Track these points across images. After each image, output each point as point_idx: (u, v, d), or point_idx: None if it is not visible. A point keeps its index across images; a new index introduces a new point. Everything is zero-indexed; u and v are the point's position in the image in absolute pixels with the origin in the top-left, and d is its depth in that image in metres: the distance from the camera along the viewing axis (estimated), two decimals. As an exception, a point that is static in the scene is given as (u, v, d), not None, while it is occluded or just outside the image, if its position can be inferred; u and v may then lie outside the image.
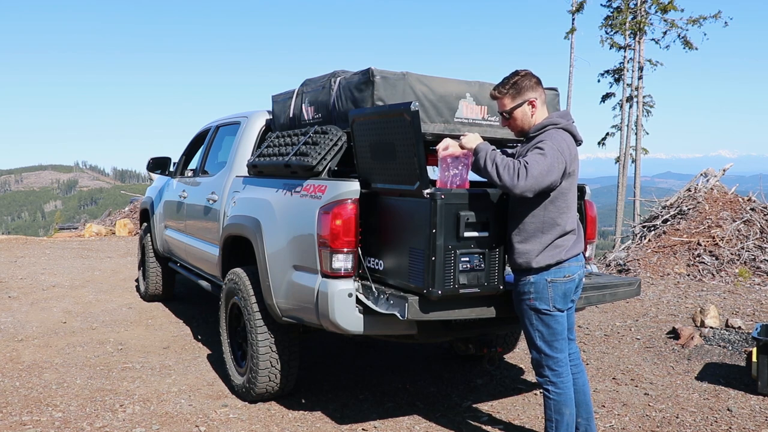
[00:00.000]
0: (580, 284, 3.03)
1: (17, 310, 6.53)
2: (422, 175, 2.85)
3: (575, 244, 2.93)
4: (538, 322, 2.91)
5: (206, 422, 3.69)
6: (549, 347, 2.93)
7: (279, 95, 4.34)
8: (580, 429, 3.13)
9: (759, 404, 4.06)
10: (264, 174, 4.14)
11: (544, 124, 2.89)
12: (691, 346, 5.28)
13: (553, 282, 2.87)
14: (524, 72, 2.93)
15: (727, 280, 8.23)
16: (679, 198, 10.74)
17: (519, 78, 2.91)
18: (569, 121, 2.91)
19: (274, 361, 3.77)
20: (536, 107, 2.91)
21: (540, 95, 2.93)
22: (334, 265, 3.19)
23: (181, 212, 5.68)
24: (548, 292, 2.87)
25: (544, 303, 2.88)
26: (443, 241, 2.83)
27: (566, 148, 2.79)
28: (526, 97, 2.90)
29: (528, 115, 2.92)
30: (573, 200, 2.93)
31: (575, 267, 2.93)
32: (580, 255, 2.97)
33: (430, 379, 4.51)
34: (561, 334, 2.95)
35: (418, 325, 3.23)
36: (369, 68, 3.29)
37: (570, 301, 2.97)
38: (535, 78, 2.94)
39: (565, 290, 2.90)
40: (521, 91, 2.90)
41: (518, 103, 2.90)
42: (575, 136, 2.93)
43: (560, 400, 2.95)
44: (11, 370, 4.59)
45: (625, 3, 26.61)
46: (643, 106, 26.84)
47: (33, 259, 10.18)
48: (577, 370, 3.14)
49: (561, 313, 2.93)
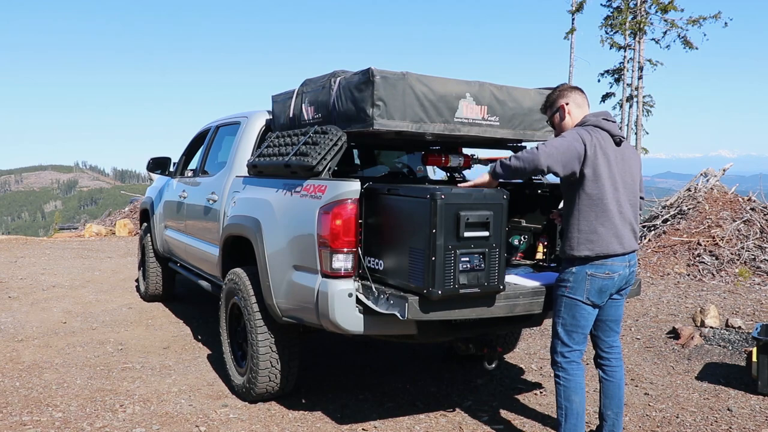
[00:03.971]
0: (622, 282, 3.10)
1: (17, 310, 6.53)
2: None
3: (616, 239, 3.00)
4: (566, 310, 3.08)
5: (206, 422, 3.69)
6: (568, 336, 3.08)
7: (279, 95, 4.34)
8: (608, 421, 3.28)
9: (759, 404, 4.06)
10: (264, 174, 4.13)
11: (579, 123, 3.14)
12: (691, 346, 5.29)
13: (593, 276, 3.00)
14: (556, 87, 3.31)
15: (727, 279, 8.23)
16: (679, 198, 10.74)
17: (550, 93, 3.30)
18: (599, 117, 3.10)
19: (274, 361, 3.77)
20: (570, 109, 3.19)
21: (572, 99, 3.20)
22: (334, 265, 3.19)
23: (181, 212, 5.68)
24: (586, 284, 3.00)
25: (579, 294, 3.03)
26: (443, 241, 2.83)
27: (588, 138, 2.97)
28: (558, 105, 3.23)
29: (563, 118, 3.21)
30: (606, 196, 2.98)
31: (618, 266, 3.03)
32: (625, 255, 3.05)
33: (430, 379, 4.51)
34: (584, 328, 3.09)
35: (418, 325, 3.23)
36: (369, 68, 3.29)
37: (609, 297, 3.11)
38: (564, 86, 3.28)
39: (602, 286, 3.02)
40: (553, 103, 3.26)
41: (554, 110, 3.25)
42: (611, 132, 3.06)
43: (569, 386, 3.09)
44: (11, 370, 4.59)
45: (625, 3, 26.61)
46: (643, 106, 26.85)
47: (33, 260, 10.18)
48: (617, 364, 3.28)
49: (592, 307, 3.07)
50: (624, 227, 3.03)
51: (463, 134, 3.58)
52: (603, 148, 2.98)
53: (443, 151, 4.24)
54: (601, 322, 3.22)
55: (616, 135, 3.07)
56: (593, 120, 3.09)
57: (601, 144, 2.98)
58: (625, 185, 3.06)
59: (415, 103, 3.36)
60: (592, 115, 3.14)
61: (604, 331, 3.25)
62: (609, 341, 3.27)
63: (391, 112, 3.30)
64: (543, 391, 4.31)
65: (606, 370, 3.28)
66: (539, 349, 5.30)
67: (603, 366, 3.29)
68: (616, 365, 3.27)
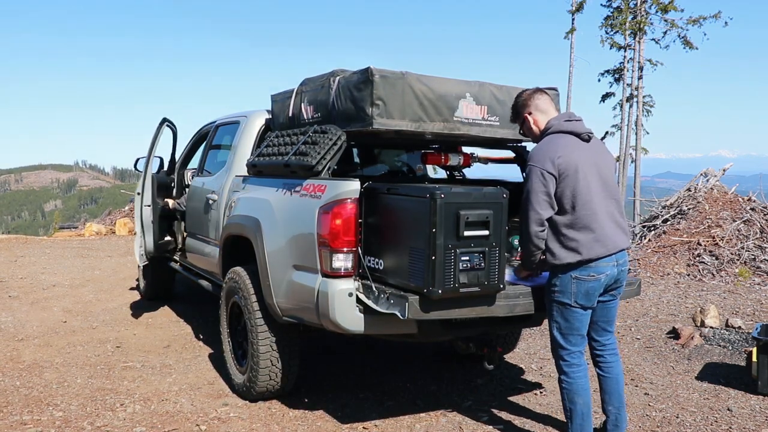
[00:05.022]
0: (611, 281, 3.10)
1: (17, 309, 6.53)
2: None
3: (598, 243, 2.98)
4: (558, 314, 3.09)
5: (207, 421, 3.69)
6: (564, 339, 3.10)
7: (278, 94, 4.34)
8: (610, 417, 3.29)
9: (759, 404, 4.06)
10: (264, 174, 4.14)
11: (544, 130, 3.14)
12: (691, 346, 5.29)
13: (577, 279, 3.00)
14: (519, 94, 3.29)
15: (727, 279, 8.23)
16: (679, 198, 10.74)
17: (514, 102, 3.29)
18: (560, 121, 3.09)
19: (274, 360, 3.78)
20: (534, 117, 3.19)
21: (534, 106, 3.18)
22: (334, 265, 3.19)
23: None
24: (572, 287, 3.01)
25: (566, 297, 3.04)
26: (443, 241, 2.83)
27: (550, 158, 2.95)
28: (522, 115, 3.23)
29: (530, 128, 3.22)
30: (583, 203, 2.96)
31: (603, 267, 3.01)
32: (611, 255, 3.03)
33: (430, 378, 4.51)
34: (579, 330, 3.10)
35: (418, 325, 3.23)
36: (368, 67, 3.29)
37: (597, 299, 3.10)
38: (525, 93, 3.24)
39: (588, 288, 3.01)
40: (517, 113, 3.27)
41: (521, 121, 3.26)
42: (575, 132, 3.03)
43: (571, 389, 3.11)
44: (12, 369, 4.59)
45: (625, 3, 26.61)
46: (643, 106, 26.84)
47: (33, 259, 10.18)
48: (612, 359, 3.29)
49: (582, 309, 3.07)
50: (607, 227, 3.01)
51: (462, 133, 3.58)
52: (570, 156, 2.96)
53: (443, 149, 4.24)
54: (593, 323, 3.22)
55: (582, 133, 3.05)
56: (556, 125, 3.08)
57: (566, 152, 2.96)
58: (603, 182, 3.04)
59: (414, 102, 3.36)
60: (554, 119, 3.12)
61: (596, 332, 3.26)
62: (602, 340, 3.28)
63: (391, 112, 3.30)
64: (543, 391, 4.31)
65: (602, 366, 3.29)
66: (539, 349, 5.30)
67: (599, 363, 3.31)
68: (612, 360, 3.28)
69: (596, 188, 3.00)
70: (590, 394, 3.17)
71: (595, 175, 3.01)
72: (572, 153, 2.97)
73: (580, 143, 3.03)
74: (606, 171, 3.08)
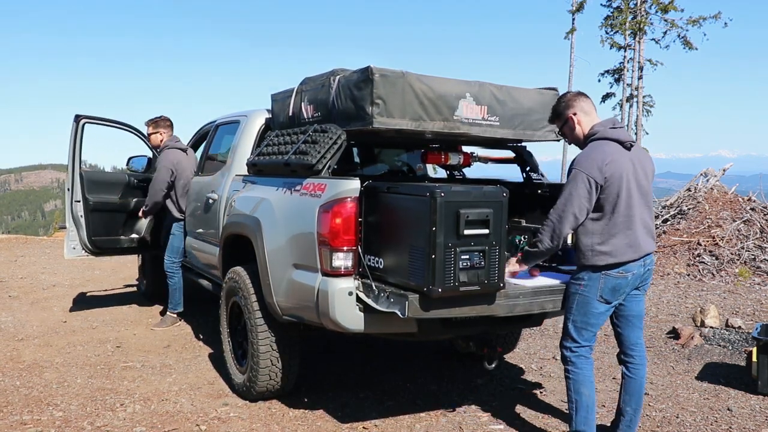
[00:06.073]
0: (637, 281, 3.13)
1: (17, 309, 6.53)
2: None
3: (630, 248, 3.03)
4: (577, 307, 3.11)
5: (207, 421, 3.69)
6: (577, 333, 3.13)
7: (278, 94, 4.34)
8: (626, 416, 3.31)
9: (759, 404, 4.06)
10: (264, 173, 4.14)
11: (588, 135, 3.14)
12: (691, 346, 5.29)
13: (606, 275, 3.04)
14: (562, 95, 3.32)
15: (727, 279, 8.23)
16: (679, 198, 10.74)
17: (556, 104, 3.28)
18: (606, 128, 3.11)
19: (274, 360, 3.77)
20: (579, 119, 3.17)
21: (579, 108, 3.18)
22: (334, 264, 3.19)
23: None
24: (600, 282, 3.04)
25: (592, 291, 3.07)
26: (443, 239, 2.82)
27: (595, 165, 2.97)
28: (566, 116, 3.21)
29: (573, 129, 3.20)
30: (621, 210, 3.01)
31: (631, 266, 3.06)
32: (639, 259, 3.08)
33: (430, 378, 4.51)
34: (594, 326, 3.13)
35: (418, 324, 3.23)
36: (368, 66, 3.29)
37: (621, 295, 3.11)
38: (569, 95, 3.26)
39: (616, 285, 3.06)
40: (560, 114, 3.23)
41: (563, 121, 3.23)
42: (619, 140, 3.06)
43: (578, 379, 3.13)
44: (12, 369, 4.59)
45: (625, 3, 26.61)
46: (643, 106, 26.85)
47: (33, 259, 10.18)
48: (640, 362, 3.30)
49: (606, 304, 3.09)
50: (639, 232, 3.06)
51: (462, 132, 3.58)
52: (615, 165, 2.99)
53: (442, 149, 4.24)
54: (624, 318, 3.25)
55: (626, 141, 3.08)
56: (601, 132, 3.09)
57: (613, 159, 2.99)
58: (640, 189, 3.09)
59: (414, 101, 3.36)
60: (599, 125, 3.14)
61: (627, 327, 3.27)
62: (633, 338, 3.28)
63: (391, 111, 3.30)
64: (543, 391, 4.30)
65: (630, 367, 3.30)
66: (539, 349, 5.30)
67: (627, 363, 3.31)
68: (640, 363, 3.30)
69: (635, 196, 3.05)
70: (594, 388, 3.18)
71: (634, 183, 3.05)
72: (617, 162, 3.00)
73: (623, 151, 3.06)
74: (644, 180, 3.12)
